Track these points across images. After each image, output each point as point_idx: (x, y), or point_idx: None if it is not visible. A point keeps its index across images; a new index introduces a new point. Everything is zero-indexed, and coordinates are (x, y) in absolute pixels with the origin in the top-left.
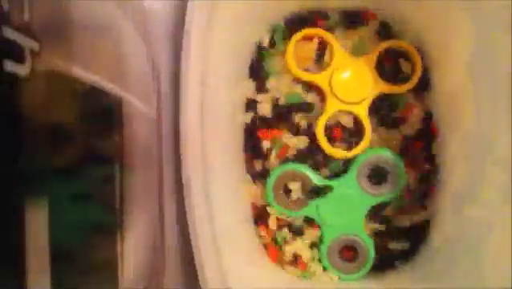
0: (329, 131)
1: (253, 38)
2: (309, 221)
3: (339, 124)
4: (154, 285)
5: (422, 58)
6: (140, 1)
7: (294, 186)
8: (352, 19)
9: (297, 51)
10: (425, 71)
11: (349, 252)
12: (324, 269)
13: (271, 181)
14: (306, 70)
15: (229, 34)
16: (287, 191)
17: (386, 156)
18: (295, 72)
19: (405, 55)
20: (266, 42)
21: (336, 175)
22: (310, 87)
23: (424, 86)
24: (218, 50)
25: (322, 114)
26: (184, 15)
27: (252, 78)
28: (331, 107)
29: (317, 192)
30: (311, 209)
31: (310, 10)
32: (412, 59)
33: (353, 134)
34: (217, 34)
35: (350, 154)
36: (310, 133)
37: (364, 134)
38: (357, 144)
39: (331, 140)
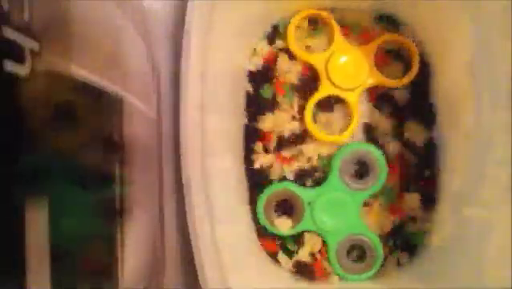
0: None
1: (253, 38)
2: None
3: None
4: (154, 285)
5: (422, 58)
6: (140, 1)
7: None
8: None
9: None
10: (425, 71)
11: (357, 252)
12: (334, 272)
13: (261, 204)
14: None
15: (230, 33)
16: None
17: (363, 149)
18: (294, 50)
19: (404, 50)
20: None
21: (319, 182)
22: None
23: (424, 86)
24: (218, 50)
25: (313, 95)
26: (184, 15)
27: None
28: (324, 90)
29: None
30: (307, 221)
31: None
32: (410, 54)
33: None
34: (217, 34)
35: (336, 138)
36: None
37: (352, 121)
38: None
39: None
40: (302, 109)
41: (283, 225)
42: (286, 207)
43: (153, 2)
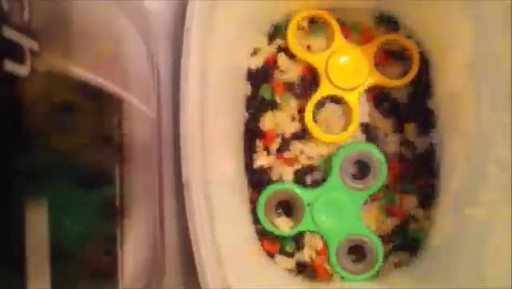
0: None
1: (253, 38)
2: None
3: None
4: (154, 285)
5: (422, 57)
6: (140, 0)
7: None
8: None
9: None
10: (425, 71)
11: (357, 252)
12: (335, 272)
13: (261, 205)
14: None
15: (230, 33)
16: (280, 211)
17: (363, 148)
18: (294, 50)
19: (404, 50)
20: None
21: (319, 182)
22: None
23: (424, 86)
24: (219, 50)
25: (313, 95)
26: (185, 15)
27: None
28: (324, 90)
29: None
30: (307, 222)
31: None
32: (410, 54)
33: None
34: (218, 33)
35: (336, 138)
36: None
37: (352, 121)
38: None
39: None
40: (301, 109)
41: (283, 226)
42: (287, 207)
43: (153, 2)
